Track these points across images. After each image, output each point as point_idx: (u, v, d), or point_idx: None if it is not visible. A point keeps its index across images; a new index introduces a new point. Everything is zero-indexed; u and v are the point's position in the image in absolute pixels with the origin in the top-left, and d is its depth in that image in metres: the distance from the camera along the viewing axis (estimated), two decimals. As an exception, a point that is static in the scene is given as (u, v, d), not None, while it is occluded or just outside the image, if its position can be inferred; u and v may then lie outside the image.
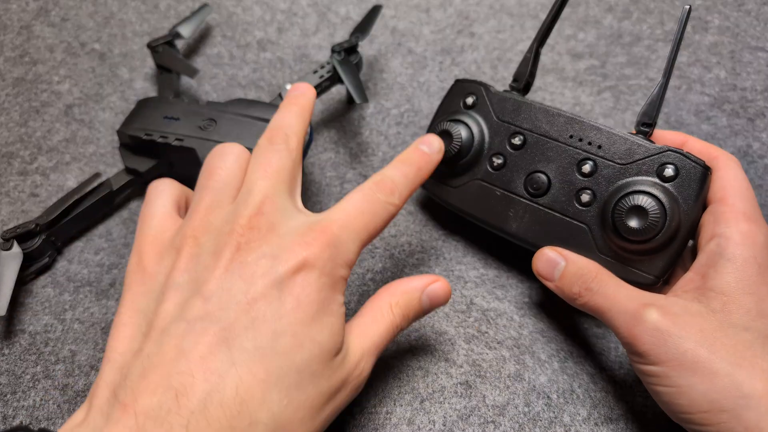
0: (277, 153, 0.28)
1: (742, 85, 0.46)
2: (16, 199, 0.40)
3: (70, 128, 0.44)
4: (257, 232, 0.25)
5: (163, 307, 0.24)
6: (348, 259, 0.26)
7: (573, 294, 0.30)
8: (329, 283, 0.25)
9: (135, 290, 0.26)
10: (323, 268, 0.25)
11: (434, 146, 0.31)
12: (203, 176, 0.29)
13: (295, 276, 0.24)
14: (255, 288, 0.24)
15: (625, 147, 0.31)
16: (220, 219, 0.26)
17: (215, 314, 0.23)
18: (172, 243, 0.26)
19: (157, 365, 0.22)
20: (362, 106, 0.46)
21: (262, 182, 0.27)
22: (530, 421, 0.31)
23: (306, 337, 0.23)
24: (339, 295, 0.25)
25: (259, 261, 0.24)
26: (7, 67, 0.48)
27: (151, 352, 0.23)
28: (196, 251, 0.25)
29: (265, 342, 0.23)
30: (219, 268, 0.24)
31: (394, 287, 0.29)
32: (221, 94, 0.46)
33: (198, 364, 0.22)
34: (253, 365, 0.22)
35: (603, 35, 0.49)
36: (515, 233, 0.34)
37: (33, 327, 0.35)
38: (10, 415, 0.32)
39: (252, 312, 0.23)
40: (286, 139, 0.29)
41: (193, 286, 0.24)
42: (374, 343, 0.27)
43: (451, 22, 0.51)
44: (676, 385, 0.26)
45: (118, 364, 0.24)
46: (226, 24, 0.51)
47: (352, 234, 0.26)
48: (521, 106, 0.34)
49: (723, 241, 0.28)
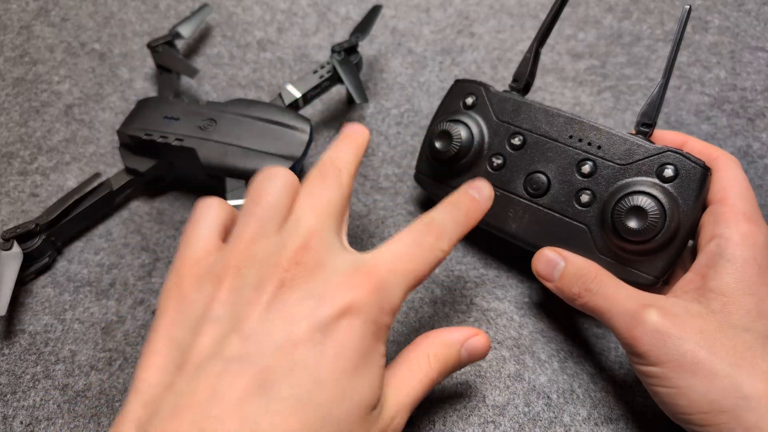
0: (328, 187, 0.27)
1: (742, 85, 0.46)
2: (16, 199, 0.40)
3: (70, 128, 0.44)
4: (303, 269, 0.24)
5: (200, 340, 0.23)
6: (394, 305, 0.25)
7: (573, 294, 0.30)
8: (373, 331, 0.24)
9: (171, 316, 0.25)
10: (368, 315, 0.23)
11: (484, 192, 0.29)
12: (249, 200, 0.27)
13: (339, 321, 0.23)
14: (297, 330, 0.22)
15: (625, 147, 0.31)
16: (264, 250, 0.25)
17: (253, 355, 0.22)
18: (213, 269, 0.25)
19: (189, 405, 0.21)
20: (362, 106, 0.46)
21: (311, 216, 0.25)
22: (530, 421, 0.31)
23: (346, 389, 0.22)
24: (381, 345, 0.24)
25: (302, 301, 0.23)
26: (7, 67, 0.48)
27: (183, 389, 0.22)
28: (237, 283, 0.24)
29: (304, 391, 0.22)
30: (260, 304, 0.23)
31: (433, 337, 0.28)
32: (221, 94, 0.46)
33: (232, 409, 0.21)
34: (290, 415, 0.21)
35: (603, 35, 0.49)
36: (515, 233, 0.34)
37: (33, 327, 0.35)
38: (10, 415, 0.32)
39: (292, 356, 0.22)
40: (338, 173, 0.27)
41: (232, 322, 0.23)
42: (411, 397, 0.26)
43: (451, 22, 0.51)
44: (675, 386, 0.26)
45: (147, 397, 0.23)
46: (226, 24, 0.51)
47: (400, 279, 0.25)
48: (521, 107, 0.34)
49: (723, 241, 0.28)
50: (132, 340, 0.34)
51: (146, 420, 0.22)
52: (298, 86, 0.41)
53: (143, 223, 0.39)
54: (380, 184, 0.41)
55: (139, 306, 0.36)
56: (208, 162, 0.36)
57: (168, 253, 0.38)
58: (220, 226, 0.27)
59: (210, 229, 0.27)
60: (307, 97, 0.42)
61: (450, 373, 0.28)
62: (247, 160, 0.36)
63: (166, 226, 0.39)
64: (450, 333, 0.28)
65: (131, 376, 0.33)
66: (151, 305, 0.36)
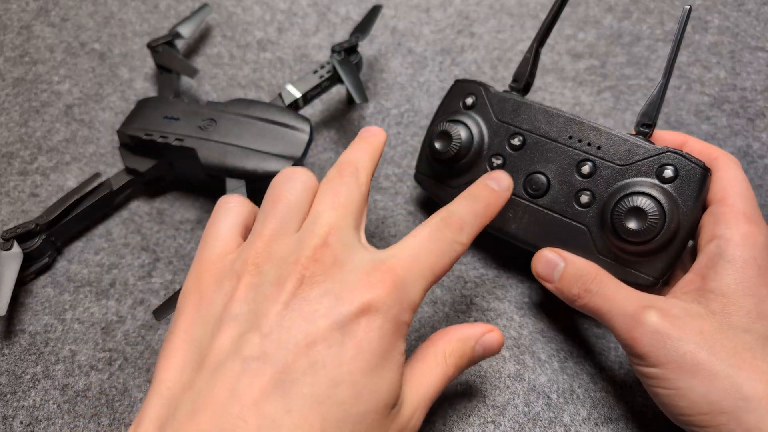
0: (346, 185, 0.27)
1: (742, 85, 0.46)
2: (16, 199, 0.40)
3: (70, 128, 0.44)
4: (321, 266, 0.24)
5: (219, 340, 0.23)
6: (413, 302, 0.25)
7: (572, 295, 0.30)
8: (392, 329, 0.23)
9: (190, 315, 0.25)
10: (387, 313, 0.23)
11: (503, 183, 0.29)
12: (269, 199, 0.27)
13: (359, 319, 0.23)
14: (316, 329, 0.22)
15: (625, 148, 0.31)
16: (284, 248, 0.25)
17: (272, 354, 0.22)
18: (232, 267, 0.25)
19: (208, 405, 0.21)
20: (362, 106, 0.46)
21: (330, 213, 0.26)
22: (530, 421, 0.31)
23: (365, 388, 0.22)
24: (401, 343, 0.24)
25: (321, 299, 0.23)
26: (7, 67, 0.48)
27: (202, 388, 0.22)
28: (257, 280, 0.24)
29: (323, 390, 0.22)
30: (279, 302, 0.23)
31: (449, 334, 0.28)
32: (221, 94, 0.46)
33: (251, 408, 0.21)
34: (309, 414, 0.21)
35: (603, 35, 0.49)
36: (515, 234, 0.34)
37: (33, 327, 0.35)
38: (9, 415, 0.32)
39: (311, 355, 0.22)
40: (355, 172, 0.27)
41: (251, 319, 0.23)
42: (428, 394, 0.26)
43: (451, 22, 0.51)
44: (675, 388, 0.26)
45: (166, 397, 0.23)
46: (226, 24, 0.51)
47: (419, 275, 0.25)
48: (521, 107, 0.34)
49: (723, 242, 0.28)
50: (132, 340, 0.34)
51: (166, 419, 0.22)
52: (298, 86, 0.41)
53: (143, 223, 0.40)
54: (380, 184, 0.41)
55: (139, 306, 0.36)
56: (208, 162, 0.36)
57: (168, 253, 0.38)
58: (240, 225, 0.28)
59: (230, 227, 0.27)
60: (307, 97, 0.42)
61: (464, 369, 0.28)
62: (247, 160, 0.36)
63: (166, 226, 0.39)
64: (465, 329, 0.28)
65: (130, 376, 0.33)
66: (151, 305, 0.36)
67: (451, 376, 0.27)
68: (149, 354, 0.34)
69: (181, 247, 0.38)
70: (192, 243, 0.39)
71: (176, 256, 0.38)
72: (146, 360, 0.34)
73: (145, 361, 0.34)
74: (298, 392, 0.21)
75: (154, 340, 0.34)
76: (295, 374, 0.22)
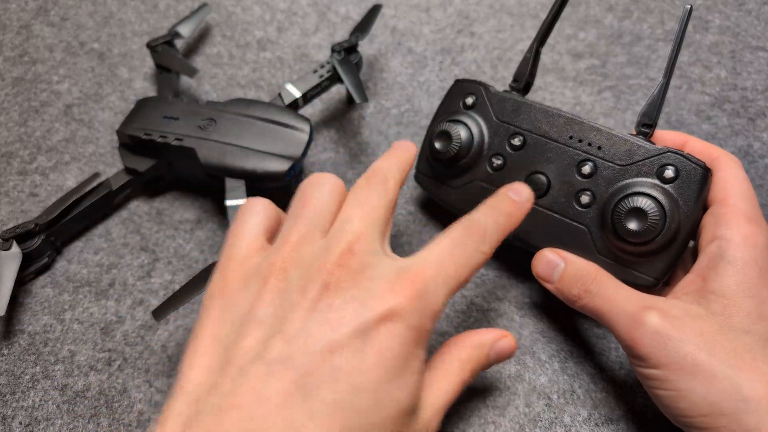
0: (375, 192, 0.27)
1: (743, 85, 0.46)
2: (16, 199, 0.40)
3: (70, 128, 0.44)
4: (346, 272, 0.24)
5: (244, 342, 0.23)
6: (436, 310, 0.25)
7: (572, 296, 0.30)
8: (414, 337, 0.24)
9: (216, 315, 0.25)
10: (410, 320, 0.23)
11: (523, 194, 0.29)
12: (297, 203, 0.28)
13: (380, 326, 0.23)
14: (339, 335, 0.23)
15: (625, 148, 0.31)
16: (310, 253, 0.25)
17: (296, 358, 0.22)
18: (258, 269, 0.25)
19: (233, 406, 0.21)
20: (362, 106, 0.46)
21: (357, 219, 0.26)
22: (530, 421, 0.31)
23: (386, 396, 0.23)
24: (422, 351, 0.24)
25: (345, 305, 0.23)
26: (7, 67, 0.48)
27: (227, 390, 0.22)
28: (282, 284, 0.24)
29: (345, 396, 0.22)
30: (304, 307, 0.23)
31: (464, 340, 0.28)
32: (221, 94, 0.46)
33: (275, 412, 0.21)
34: (330, 420, 0.21)
35: (603, 35, 0.49)
36: (515, 234, 0.33)
37: (32, 327, 0.35)
38: (9, 416, 0.32)
39: (333, 361, 0.22)
40: (384, 180, 0.28)
41: (276, 323, 0.23)
42: (444, 401, 0.26)
43: (451, 21, 0.51)
44: (675, 389, 0.26)
45: (192, 396, 0.23)
46: (226, 24, 0.51)
47: (441, 283, 0.25)
48: (521, 107, 0.34)
49: (724, 243, 0.28)
50: (131, 341, 0.34)
51: (191, 419, 0.22)
52: (297, 86, 0.41)
53: (142, 223, 0.39)
54: (380, 184, 0.41)
55: (138, 306, 0.36)
56: (208, 162, 0.36)
57: (167, 254, 0.38)
58: (266, 227, 0.28)
59: (256, 229, 0.28)
60: (307, 97, 0.42)
61: (478, 374, 0.29)
62: (246, 159, 0.36)
63: (166, 226, 0.39)
64: (479, 336, 0.29)
65: (130, 376, 0.33)
66: (151, 306, 0.36)
67: (466, 381, 0.27)
68: (148, 354, 0.34)
69: (181, 247, 0.38)
70: (191, 243, 0.38)
71: (175, 256, 0.38)
72: (145, 360, 0.34)
73: (144, 361, 0.34)
74: (321, 398, 0.22)
75: (154, 340, 0.34)
76: (318, 380, 0.22)
